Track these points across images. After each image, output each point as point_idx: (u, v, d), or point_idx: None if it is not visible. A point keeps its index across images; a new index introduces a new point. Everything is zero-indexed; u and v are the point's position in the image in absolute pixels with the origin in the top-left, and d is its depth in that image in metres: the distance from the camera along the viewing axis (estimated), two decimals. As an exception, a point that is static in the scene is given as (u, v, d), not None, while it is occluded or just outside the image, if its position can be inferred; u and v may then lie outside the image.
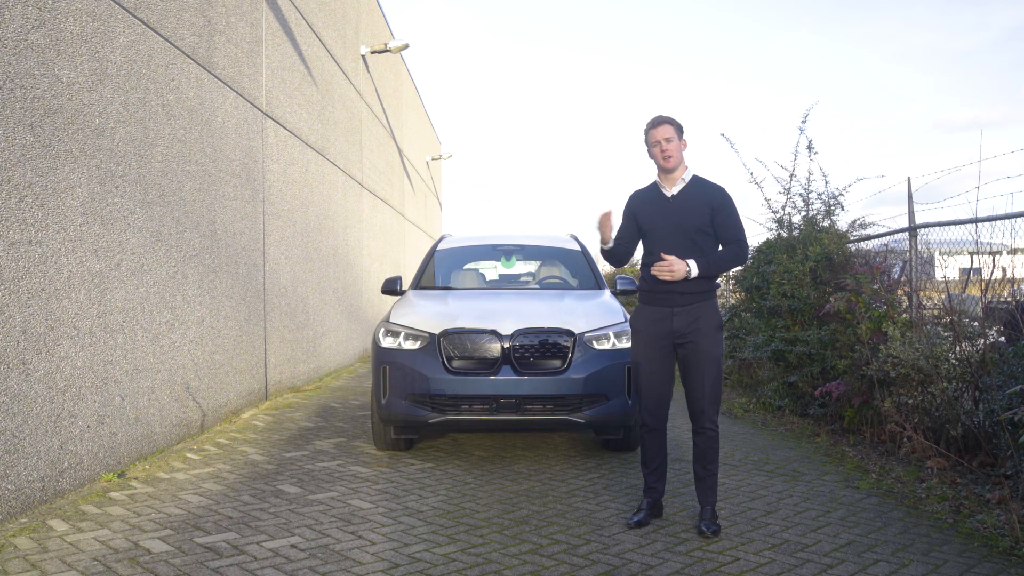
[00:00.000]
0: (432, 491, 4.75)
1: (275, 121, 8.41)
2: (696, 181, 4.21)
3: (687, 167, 4.21)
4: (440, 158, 24.83)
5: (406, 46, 13.29)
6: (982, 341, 5.55)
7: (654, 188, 4.28)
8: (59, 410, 4.43)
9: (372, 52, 13.17)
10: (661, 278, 4.03)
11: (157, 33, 5.68)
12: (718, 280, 4.29)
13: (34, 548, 3.64)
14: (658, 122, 4.17)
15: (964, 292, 6.14)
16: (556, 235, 7.73)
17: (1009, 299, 5.66)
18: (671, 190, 4.19)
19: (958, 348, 5.58)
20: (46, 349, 4.32)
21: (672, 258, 4.00)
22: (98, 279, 4.88)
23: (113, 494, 4.57)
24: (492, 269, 7.77)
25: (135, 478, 4.95)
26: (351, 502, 4.50)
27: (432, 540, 3.84)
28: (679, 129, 4.17)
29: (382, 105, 14.89)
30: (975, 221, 5.48)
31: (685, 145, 4.20)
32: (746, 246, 4.18)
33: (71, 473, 4.54)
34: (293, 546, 3.73)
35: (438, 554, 3.65)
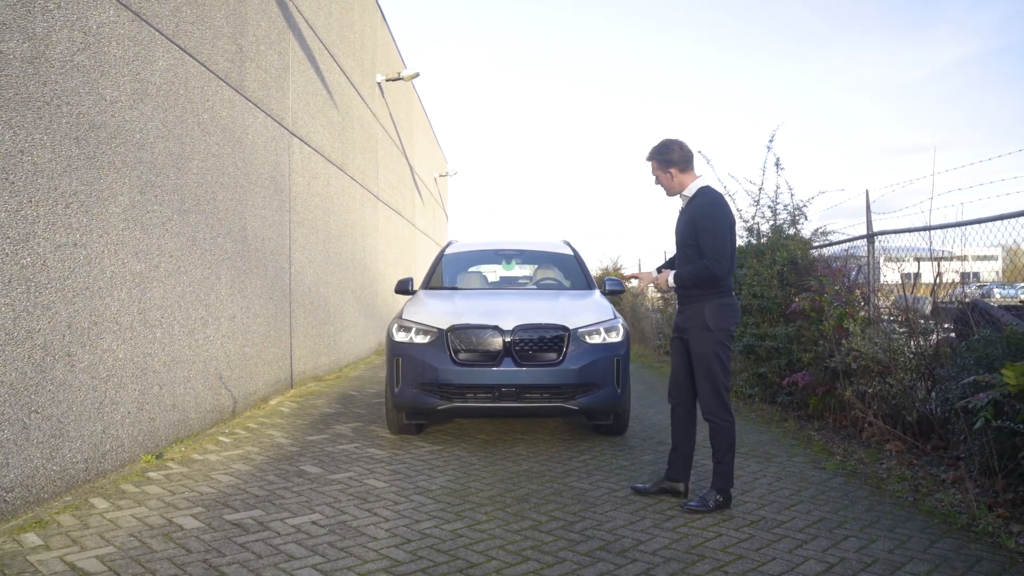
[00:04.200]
0: (440, 471, 4.59)
1: (300, 139, 8.25)
2: (696, 197, 3.95)
3: (695, 182, 3.97)
4: (447, 175, 24.67)
5: (417, 75, 13.13)
6: (934, 336, 5.42)
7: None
8: (102, 397, 4.26)
9: (387, 80, 13.01)
10: (655, 286, 4.15)
11: (193, 58, 5.52)
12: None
13: (76, 525, 3.47)
14: (646, 159, 4.08)
15: (913, 293, 6.02)
16: (551, 241, 7.58)
17: (953, 300, 5.53)
18: (681, 205, 4.08)
19: (913, 343, 5.45)
20: (90, 342, 4.16)
21: (664, 273, 4.05)
22: (138, 279, 4.71)
23: (151, 474, 4.40)
24: (494, 271, 7.61)
25: (172, 459, 4.78)
26: (367, 481, 4.34)
27: (440, 517, 3.68)
28: (661, 163, 3.98)
29: (395, 127, 14.73)
30: (928, 228, 5.34)
31: (676, 171, 3.96)
32: (714, 262, 3.74)
33: (113, 455, 4.38)
34: (314, 522, 3.57)
35: (446, 530, 3.49)
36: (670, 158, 3.98)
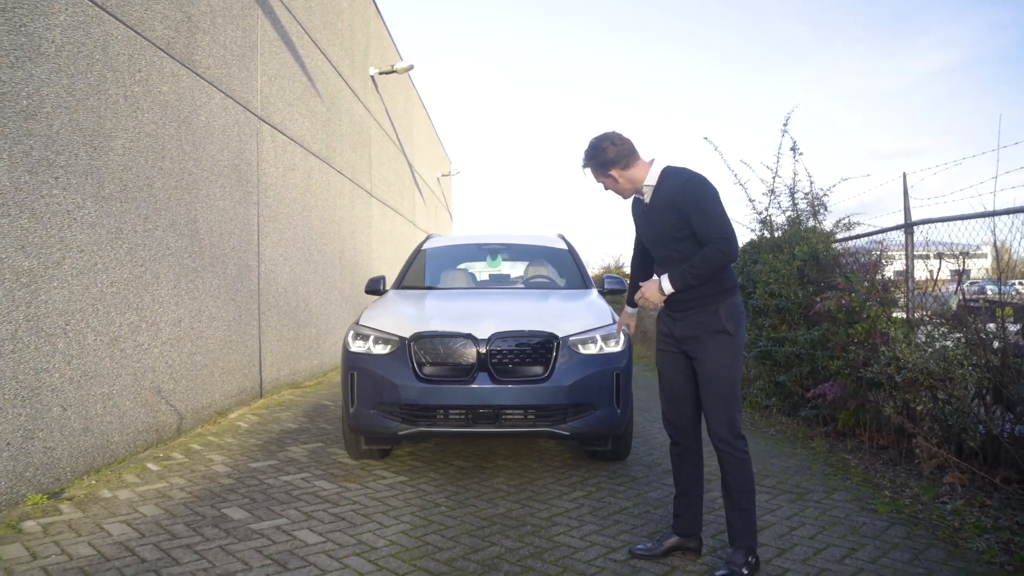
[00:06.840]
0: (395, 517, 3.44)
1: (271, 126, 7.12)
2: (663, 182, 2.86)
3: (651, 168, 2.90)
4: (450, 174, 23.55)
5: (411, 67, 11.99)
6: (996, 343, 4.23)
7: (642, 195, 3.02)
8: (-41, 429, 3.14)
9: (380, 73, 11.88)
10: (642, 305, 2.93)
11: (116, 19, 4.40)
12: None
13: None
14: (582, 169, 2.99)
15: (934, 289, 4.94)
16: (543, 234, 6.41)
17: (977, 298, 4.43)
18: (646, 197, 2.93)
19: (973, 352, 4.26)
20: (-63, 359, 3.04)
21: (645, 285, 2.88)
22: (26, 278, 3.59)
23: (28, 523, 3.28)
24: (478, 269, 6.45)
25: (70, 499, 3.66)
26: (297, 534, 3.19)
27: (375, 600, 2.54)
28: (598, 167, 2.91)
29: (392, 124, 13.59)
30: (993, 215, 4.15)
31: (618, 170, 2.88)
32: (725, 240, 2.71)
33: (-22, 500, 3.26)
34: (198, 611, 2.44)
35: (377, 626, 2.35)
36: (605, 159, 2.87)
